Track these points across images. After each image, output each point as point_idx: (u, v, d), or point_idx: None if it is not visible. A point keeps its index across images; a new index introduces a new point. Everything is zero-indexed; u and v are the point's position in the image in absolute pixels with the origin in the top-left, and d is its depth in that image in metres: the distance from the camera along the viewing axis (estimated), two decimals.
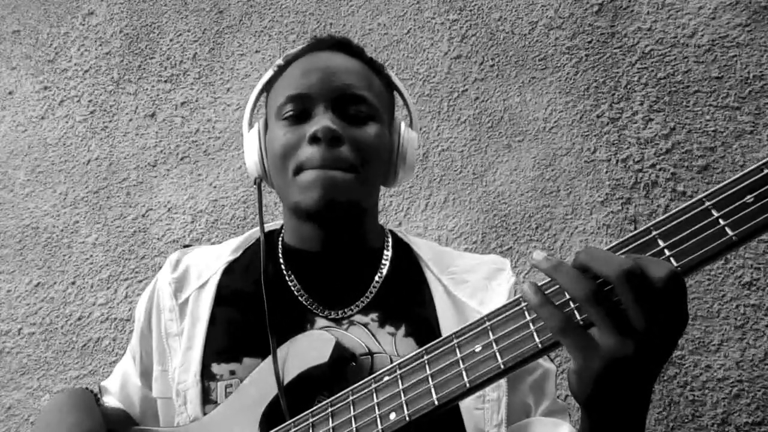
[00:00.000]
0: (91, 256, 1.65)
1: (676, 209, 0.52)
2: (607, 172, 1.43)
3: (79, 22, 1.86)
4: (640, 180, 1.41)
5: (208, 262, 0.87)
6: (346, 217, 0.80)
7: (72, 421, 0.72)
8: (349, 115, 0.79)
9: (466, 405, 0.73)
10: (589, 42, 1.51)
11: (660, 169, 1.40)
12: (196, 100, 1.72)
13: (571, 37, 1.53)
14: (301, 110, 0.79)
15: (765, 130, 1.36)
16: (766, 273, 1.30)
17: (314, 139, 0.75)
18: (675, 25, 1.47)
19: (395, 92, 0.91)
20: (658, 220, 0.52)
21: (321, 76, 0.79)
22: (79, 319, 1.61)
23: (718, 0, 1.45)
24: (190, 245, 1.46)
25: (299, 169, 0.77)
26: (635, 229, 1.36)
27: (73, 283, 1.64)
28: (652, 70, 1.46)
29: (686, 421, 1.27)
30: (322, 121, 0.75)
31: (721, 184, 0.50)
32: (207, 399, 0.75)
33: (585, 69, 1.50)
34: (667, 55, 1.46)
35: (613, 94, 1.47)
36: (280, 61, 0.86)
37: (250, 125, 0.87)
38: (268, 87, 0.88)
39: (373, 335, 0.76)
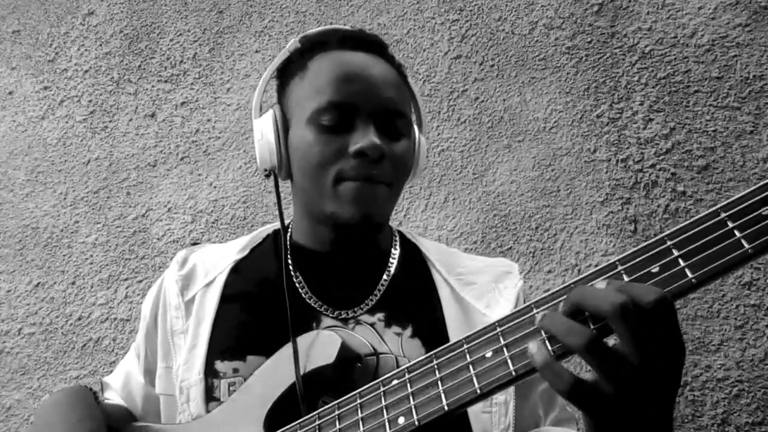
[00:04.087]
0: (91, 256, 1.65)
1: (691, 219, 0.51)
2: (607, 172, 1.43)
3: (79, 22, 1.86)
4: (640, 180, 1.41)
5: (215, 261, 0.87)
6: (376, 228, 0.81)
7: (73, 421, 0.72)
8: (389, 129, 0.77)
9: (473, 408, 0.73)
10: (589, 42, 1.51)
11: (660, 169, 1.40)
12: (196, 100, 1.72)
13: (571, 37, 1.53)
14: (342, 119, 0.75)
15: (765, 130, 1.36)
16: (766, 273, 1.30)
17: (360, 155, 0.73)
18: (675, 25, 1.47)
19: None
20: (673, 230, 0.51)
21: (366, 87, 0.75)
22: (79, 319, 1.61)
23: (718, 0, 1.45)
24: (198, 242, 1.46)
25: (339, 180, 0.75)
26: (635, 229, 1.37)
27: (73, 283, 1.64)
28: (652, 70, 1.46)
29: (686, 421, 1.27)
30: (368, 136, 0.73)
31: (737, 195, 0.49)
32: (210, 396, 0.76)
33: (585, 69, 1.50)
34: (667, 55, 1.46)
35: (613, 94, 1.47)
36: (297, 43, 0.81)
37: (260, 110, 0.84)
38: (283, 70, 0.83)
39: (379, 335, 0.76)
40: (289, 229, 0.89)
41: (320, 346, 0.71)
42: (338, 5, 1.69)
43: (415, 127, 0.85)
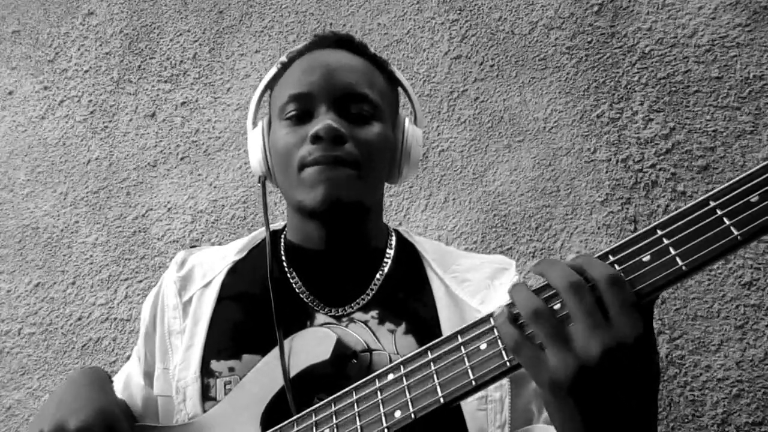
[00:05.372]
0: (91, 256, 1.65)
1: (681, 208, 0.52)
2: (607, 172, 1.43)
3: (79, 22, 1.86)
4: (640, 180, 1.41)
5: (213, 263, 0.88)
6: (350, 216, 0.80)
7: (87, 396, 0.71)
8: (351, 114, 0.79)
9: (468, 406, 0.73)
10: (589, 42, 1.51)
11: (660, 169, 1.40)
12: (196, 100, 1.72)
13: (571, 37, 1.53)
14: (303, 110, 0.79)
15: (765, 130, 1.36)
16: (766, 273, 1.30)
17: (316, 138, 0.75)
18: (675, 25, 1.47)
19: (400, 88, 0.91)
20: (663, 219, 0.52)
21: (322, 75, 0.78)
22: (79, 319, 1.61)
23: (718, 0, 1.45)
24: (196, 246, 1.47)
25: (302, 167, 0.77)
26: (635, 229, 1.37)
27: (73, 283, 1.64)
28: (652, 70, 1.46)
29: (686, 421, 1.27)
30: (323, 120, 0.75)
31: (726, 184, 0.50)
32: (206, 396, 0.76)
33: (585, 69, 1.50)
34: (667, 55, 1.46)
35: (613, 94, 1.47)
36: (283, 58, 0.86)
37: (254, 124, 0.87)
38: (271, 85, 0.87)
39: (372, 332, 0.76)
40: (285, 231, 0.90)
41: (315, 342, 0.71)
42: (338, 5, 1.69)
43: (405, 118, 0.86)
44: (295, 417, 0.65)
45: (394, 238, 0.88)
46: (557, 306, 0.52)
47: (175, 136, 1.71)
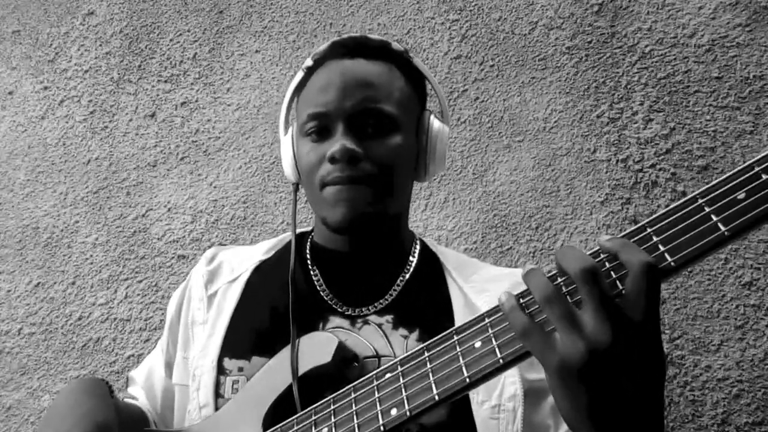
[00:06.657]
0: (91, 256, 1.65)
1: (670, 207, 0.53)
2: (607, 172, 1.43)
3: (79, 22, 1.86)
4: (640, 180, 1.41)
5: (242, 260, 0.91)
6: (373, 228, 0.81)
7: (84, 411, 0.72)
8: (368, 129, 0.79)
9: (481, 414, 0.73)
10: (589, 42, 1.51)
11: (660, 169, 1.40)
12: (196, 100, 1.72)
13: (571, 37, 1.53)
14: (321, 128, 0.80)
15: (765, 130, 1.36)
16: (766, 273, 1.30)
17: (333, 159, 0.77)
18: (675, 25, 1.47)
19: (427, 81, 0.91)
20: (652, 217, 0.53)
21: (337, 93, 0.79)
22: (79, 319, 1.61)
23: (718, 0, 1.45)
24: (225, 245, 1.50)
25: (323, 185, 0.79)
26: None
27: (73, 283, 1.64)
28: (652, 70, 1.46)
29: (686, 421, 1.27)
30: (339, 141, 0.77)
31: (714, 182, 0.52)
32: (217, 393, 0.77)
33: (585, 69, 1.50)
34: (667, 55, 1.46)
35: (613, 94, 1.47)
36: (308, 62, 0.86)
37: (285, 130, 0.89)
38: (299, 89, 0.88)
39: (386, 336, 0.77)
40: (312, 233, 0.92)
41: (318, 346, 0.73)
42: (338, 5, 1.69)
43: (430, 115, 0.86)
44: (295, 416, 0.66)
45: (418, 245, 0.90)
46: (569, 290, 0.53)
47: (175, 136, 1.71)
